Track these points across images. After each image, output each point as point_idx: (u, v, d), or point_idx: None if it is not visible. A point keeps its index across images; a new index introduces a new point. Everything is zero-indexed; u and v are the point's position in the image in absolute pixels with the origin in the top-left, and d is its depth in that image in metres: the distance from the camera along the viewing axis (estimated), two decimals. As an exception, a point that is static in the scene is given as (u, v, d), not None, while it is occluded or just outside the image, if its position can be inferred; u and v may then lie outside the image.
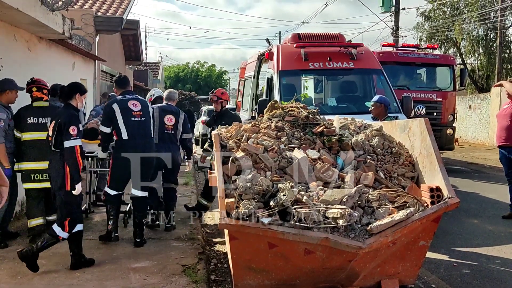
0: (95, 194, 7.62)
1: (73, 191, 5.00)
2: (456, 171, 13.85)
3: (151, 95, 7.59)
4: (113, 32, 14.89)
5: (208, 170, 5.55)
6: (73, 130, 4.97)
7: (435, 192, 4.01)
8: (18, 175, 6.12)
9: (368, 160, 4.63)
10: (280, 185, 4.06)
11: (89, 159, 6.96)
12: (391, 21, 25.78)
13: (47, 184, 5.77)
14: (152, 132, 6.11)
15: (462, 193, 10.19)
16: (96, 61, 13.26)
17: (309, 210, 3.75)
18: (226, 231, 4.17)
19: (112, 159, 6.01)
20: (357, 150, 4.78)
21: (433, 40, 27.96)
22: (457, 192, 4.15)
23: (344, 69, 9.71)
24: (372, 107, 6.68)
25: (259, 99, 9.08)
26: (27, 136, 6.00)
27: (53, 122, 5.04)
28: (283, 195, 3.86)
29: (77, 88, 5.28)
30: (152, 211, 6.72)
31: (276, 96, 9.03)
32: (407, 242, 4.04)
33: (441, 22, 27.84)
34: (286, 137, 4.87)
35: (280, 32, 48.97)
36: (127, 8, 14.42)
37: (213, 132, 5.05)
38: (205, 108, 25.28)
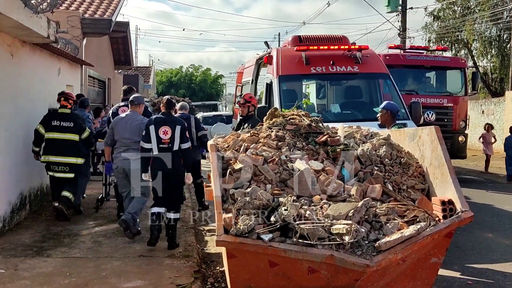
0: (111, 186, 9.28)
1: (187, 181, 6.91)
2: (468, 181, 13.87)
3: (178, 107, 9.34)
4: (101, 35, 14.89)
5: (204, 183, 5.55)
6: (187, 134, 6.94)
7: (448, 206, 4.01)
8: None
9: (375, 172, 4.64)
10: (281, 199, 4.06)
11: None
12: (398, 21, 25.91)
13: (60, 174, 8.04)
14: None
15: (475, 205, 10.19)
16: (83, 66, 13.27)
17: (313, 225, 3.75)
18: (223, 249, 4.16)
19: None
20: (363, 160, 4.79)
21: (442, 41, 28.09)
22: (471, 204, 4.16)
23: (348, 74, 9.74)
24: (380, 114, 6.69)
25: (258, 106, 9.10)
26: (49, 135, 8.03)
27: (168, 128, 6.73)
28: (285, 210, 3.86)
29: (174, 103, 7.50)
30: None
31: (276, 103, 9.05)
32: (418, 259, 4.04)
33: (451, 22, 27.99)
34: (287, 147, 4.88)
35: (279, 33, 49.09)
36: (116, 9, 14.44)
37: (209, 142, 5.06)
38: (199, 115, 25.29)
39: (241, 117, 8.12)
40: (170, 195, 6.72)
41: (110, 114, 8.18)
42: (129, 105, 7.52)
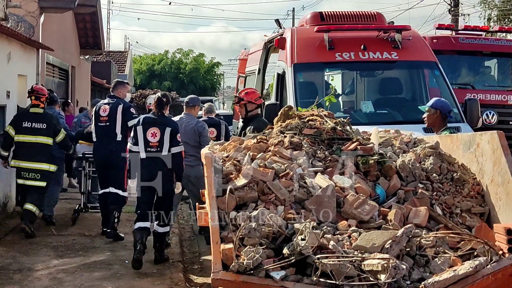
0: (88, 195, 10.70)
1: (175, 189, 7.88)
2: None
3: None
4: (64, 11, 14.97)
5: (197, 203, 5.57)
6: (179, 137, 7.79)
7: (515, 235, 4.00)
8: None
9: (420, 190, 4.63)
10: (297, 225, 4.06)
11: (84, 161, 10.27)
12: (448, -7, 25.91)
13: (31, 182, 9.06)
14: (118, 135, 8.89)
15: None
16: (41, 50, 13.35)
17: (338, 260, 3.74)
18: (221, 290, 4.15)
19: None
20: (404, 175, 4.78)
21: (507, 20, 28.06)
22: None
23: (384, 62, 9.75)
24: (427, 115, 6.68)
25: (266, 104, 9.11)
26: (19, 137, 9.08)
27: (157, 130, 7.65)
28: (302, 240, 3.86)
29: (169, 101, 8.20)
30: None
31: (290, 100, 9.06)
32: (476, 306, 4.02)
33: (517, -5, 27.97)
34: (305, 157, 4.88)
35: (294, 9, 49.21)
36: (83, -23, 14.55)
37: (203, 151, 5.06)
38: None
39: (242, 119, 8.15)
40: (157, 205, 7.73)
41: (93, 113, 9.29)
42: (184, 106, 9.03)
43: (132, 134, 7.87)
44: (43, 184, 9.12)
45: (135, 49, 57.96)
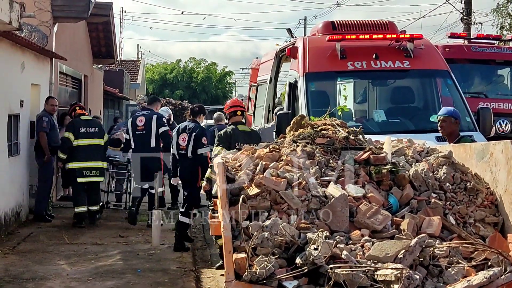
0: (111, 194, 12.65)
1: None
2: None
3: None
4: (77, 20, 15.05)
5: (209, 213, 5.57)
6: (204, 140, 9.18)
7: (529, 245, 3.98)
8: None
9: (433, 200, 4.62)
10: (309, 235, 4.05)
11: (111, 163, 12.13)
12: (461, 2, 25.84)
13: (93, 179, 10.93)
14: (152, 142, 10.58)
15: None
16: (54, 59, 13.42)
17: (351, 270, 3.74)
18: (234, 299, 4.15)
19: None
20: (417, 185, 4.77)
21: (520, 28, 27.91)
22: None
23: (396, 71, 9.72)
24: (444, 123, 6.66)
25: (278, 113, 9.11)
26: (79, 142, 10.82)
27: (186, 135, 9.13)
28: (315, 249, 3.86)
29: (203, 110, 9.96)
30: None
31: (302, 109, 9.05)
32: (490, 317, 3.99)
33: (530, 4, 27.84)
34: (317, 167, 4.88)
35: (305, 18, 49.18)
36: (96, -13, 14.60)
37: (216, 160, 5.06)
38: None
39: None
40: (185, 198, 9.18)
41: (129, 124, 10.89)
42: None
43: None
44: (102, 179, 11.36)
45: (147, 58, 58.24)
